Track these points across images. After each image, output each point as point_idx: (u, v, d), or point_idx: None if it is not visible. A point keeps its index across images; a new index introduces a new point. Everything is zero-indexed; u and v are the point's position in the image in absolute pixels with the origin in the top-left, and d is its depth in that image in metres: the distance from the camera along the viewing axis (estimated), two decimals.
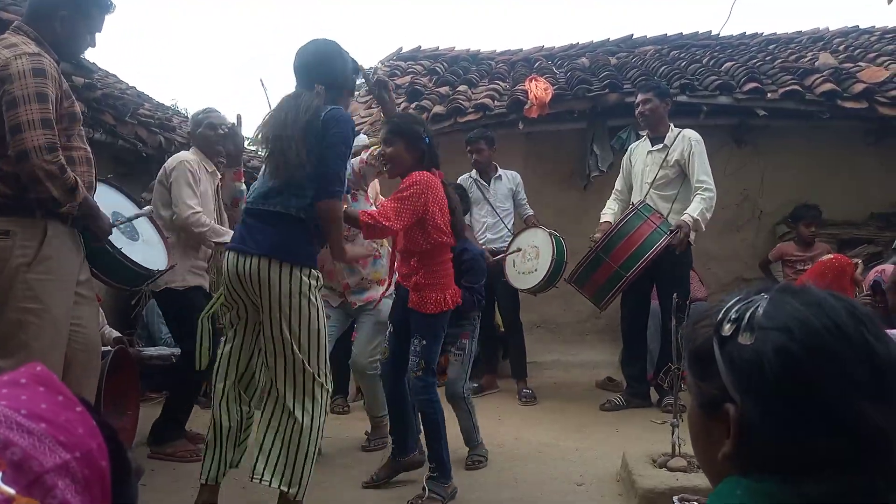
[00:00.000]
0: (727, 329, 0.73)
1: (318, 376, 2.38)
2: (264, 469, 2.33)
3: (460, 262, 3.19)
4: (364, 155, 3.20)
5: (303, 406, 2.34)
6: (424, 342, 2.86)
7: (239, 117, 2.96)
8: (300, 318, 2.32)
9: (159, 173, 3.49)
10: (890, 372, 0.69)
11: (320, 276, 2.46)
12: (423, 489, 2.82)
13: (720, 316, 0.75)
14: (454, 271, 3.03)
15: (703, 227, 4.19)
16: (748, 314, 0.72)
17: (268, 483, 2.34)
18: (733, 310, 0.74)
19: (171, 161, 3.47)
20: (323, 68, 2.47)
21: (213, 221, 3.44)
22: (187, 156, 3.50)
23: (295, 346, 2.33)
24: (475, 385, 4.56)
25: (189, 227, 3.33)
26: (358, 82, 3.11)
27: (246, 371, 2.53)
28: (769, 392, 0.69)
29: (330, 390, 2.47)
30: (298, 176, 2.32)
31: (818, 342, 0.69)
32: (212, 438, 2.52)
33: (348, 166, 2.67)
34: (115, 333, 4.14)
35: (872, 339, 0.69)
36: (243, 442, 2.59)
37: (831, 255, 4.12)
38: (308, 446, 2.34)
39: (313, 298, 2.35)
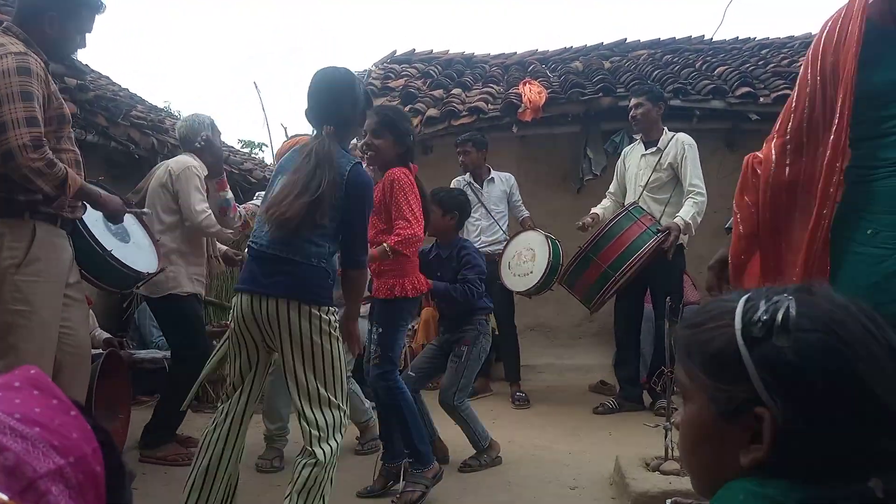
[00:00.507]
0: (758, 330, 0.70)
1: (343, 406, 2.31)
2: None
3: (459, 258, 3.29)
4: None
5: (328, 442, 2.24)
6: (380, 329, 2.87)
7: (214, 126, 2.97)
8: (322, 356, 2.25)
9: (161, 176, 3.36)
10: None
11: (337, 310, 2.40)
12: (403, 481, 2.83)
13: (745, 317, 0.71)
14: (455, 268, 3.18)
15: (694, 231, 4.21)
16: (780, 316, 0.69)
17: None
18: (760, 310, 0.71)
19: (174, 166, 3.34)
20: (333, 107, 2.39)
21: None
22: (191, 161, 3.38)
23: (319, 385, 2.24)
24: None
25: (204, 231, 3.34)
26: None
27: (245, 412, 2.39)
28: (818, 394, 0.67)
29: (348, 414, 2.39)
30: (318, 230, 2.27)
31: (859, 341, 0.68)
32: (199, 477, 2.28)
33: None
34: (105, 335, 4.12)
35: (893, 340, 0.70)
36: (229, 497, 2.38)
37: None
38: (328, 477, 2.25)
39: (334, 332, 2.28)
